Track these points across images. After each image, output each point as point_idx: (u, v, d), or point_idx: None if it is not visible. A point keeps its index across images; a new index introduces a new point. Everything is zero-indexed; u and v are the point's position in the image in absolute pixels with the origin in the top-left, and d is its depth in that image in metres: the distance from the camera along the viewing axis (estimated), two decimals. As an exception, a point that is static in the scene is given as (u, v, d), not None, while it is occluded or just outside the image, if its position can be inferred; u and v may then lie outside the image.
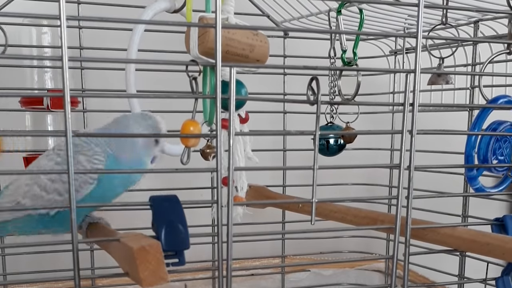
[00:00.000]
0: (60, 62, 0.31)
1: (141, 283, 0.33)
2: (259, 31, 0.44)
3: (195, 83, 0.40)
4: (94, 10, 0.67)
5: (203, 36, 0.41)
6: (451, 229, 0.46)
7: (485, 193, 0.55)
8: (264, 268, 0.79)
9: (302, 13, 0.67)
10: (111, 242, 0.37)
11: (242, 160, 0.47)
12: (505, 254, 0.42)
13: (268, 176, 0.76)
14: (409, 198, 0.39)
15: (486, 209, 0.69)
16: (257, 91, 0.53)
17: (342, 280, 0.84)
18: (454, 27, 0.55)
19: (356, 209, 0.54)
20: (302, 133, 0.38)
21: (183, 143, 0.40)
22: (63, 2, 0.31)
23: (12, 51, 0.59)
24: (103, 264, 0.65)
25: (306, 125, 0.43)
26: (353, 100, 0.55)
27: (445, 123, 0.66)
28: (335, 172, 0.75)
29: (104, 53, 0.66)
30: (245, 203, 0.44)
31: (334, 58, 0.62)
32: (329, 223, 0.55)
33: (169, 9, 0.49)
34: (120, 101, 0.51)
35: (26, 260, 0.67)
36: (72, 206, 0.33)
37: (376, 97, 0.78)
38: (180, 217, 0.37)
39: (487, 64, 0.51)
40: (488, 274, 0.53)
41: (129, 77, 0.47)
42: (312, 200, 0.37)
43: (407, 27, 0.71)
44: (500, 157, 0.51)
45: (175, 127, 0.45)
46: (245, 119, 0.49)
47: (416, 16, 0.37)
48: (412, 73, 0.37)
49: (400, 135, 0.38)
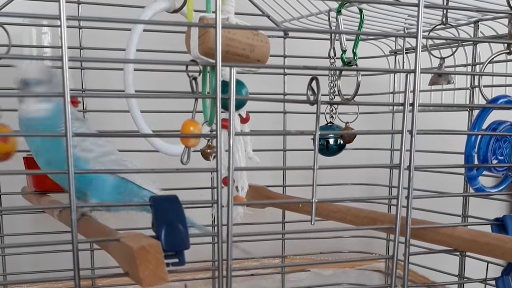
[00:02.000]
0: (60, 62, 0.31)
1: (141, 283, 0.33)
2: (259, 31, 0.43)
3: (195, 83, 0.40)
4: (94, 10, 0.67)
5: (204, 36, 0.41)
6: (451, 229, 0.46)
7: (485, 193, 0.55)
8: (264, 268, 0.79)
9: (302, 13, 0.67)
10: (111, 242, 0.37)
11: (243, 160, 0.47)
12: (505, 254, 0.42)
13: (268, 176, 0.76)
14: (409, 198, 0.39)
15: (486, 209, 0.69)
16: (257, 91, 0.53)
17: (342, 280, 0.84)
18: (454, 27, 0.55)
19: (356, 209, 0.54)
20: (302, 133, 0.38)
21: (183, 143, 0.40)
22: (63, 2, 0.31)
23: (12, 51, 0.59)
24: (103, 264, 0.65)
25: (306, 125, 0.43)
26: (353, 100, 0.55)
27: (445, 123, 0.66)
28: (335, 172, 0.74)
29: (104, 53, 0.66)
30: (245, 203, 0.44)
31: (334, 58, 0.62)
32: (329, 223, 0.55)
33: (169, 9, 0.49)
34: (120, 101, 0.51)
35: (26, 260, 0.67)
36: (72, 206, 0.33)
37: (376, 97, 0.78)
38: (180, 217, 0.37)
39: (487, 64, 0.51)
40: (488, 274, 0.53)
41: (127, 77, 0.47)
42: (312, 200, 0.37)
43: (407, 27, 0.71)
44: (500, 157, 0.51)
45: (175, 127, 0.45)
46: (245, 119, 0.49)
47: (416, 16, 0.37)
48: (412, 73, 0.37)
49: (400, 135, 0.38)
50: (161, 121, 0.62)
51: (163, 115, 0.62)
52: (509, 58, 0.55)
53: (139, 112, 0.47)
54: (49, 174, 0.53)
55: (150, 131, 0.47)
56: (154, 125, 0.48)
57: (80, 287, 0.34)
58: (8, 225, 0.66)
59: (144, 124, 0.47)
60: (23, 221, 0.72)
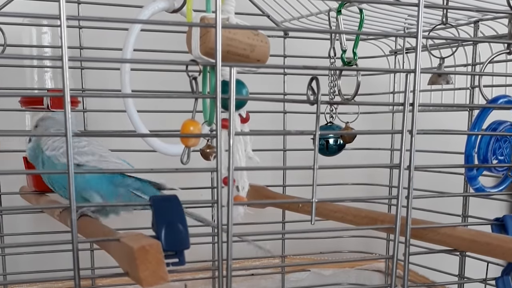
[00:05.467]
0: (60, 62, 0.31)
1: (141, 283, 0.33)
2: (259, 31, 0.43)
3: (195, 83, 0.40)
4: (94, 10, 0.67)
5: (205, 36, 0.41)
6: (451, 229, 0.46)
7: (485, 193, 0.55)
8: (264, 268, 0.79)
9: (302, 13, 0.67)
10: (111, 242, 0.37)
11: (243, 160, 0.47)
12: (505, 254, 0.42)
13: (268, 176, 0.76)
14: (409, 198, 0.39)
15: (486, 209, 0.69)
16: (257, 91, 0.53)
17: (342, 280, 0.84)
18: (454, 27, 0.55)
19: (356, 209, 0.54)
20: (302, 133, 0.38)
21: (183, 143, 0.40)
22: (63, 2, 0.31)
23: (12, 51, 0.59)
24: (103, 264, 0.65)
25: (306, 125, 0.43)
26: (353, 100, 0.55)
27: (445, 123, 0.66)
28: (335, 172, 0.75)
29: (104, 53, 0.66)
30: (245, 203, 0.44)
31: (334, 58, 0.62)
32: (329, 223, 0.55)
33: (168, 9, 0.49)
34: (120, 101, 0.51)
35: (26, 260, 0.67)
36: (72, 206, 0.33)
37: (376, 97, 0.78)
38: (180, 217, 0.37)
39: (487, 64, 0.51)
40: (488, 274, 0.53)
41: (124, 77, 0.47)
42: (312, 200, 0.37)
43: (407, 27, 0.71)
44: (500, 157, 0.51)
45: (175, 127, 0.45)
46: (245, 119, 0.49)
47: (416, 16, 0.37)
48: (412, 73, 0.37)
49: (400, 135, 0.38)
50: (161, 121, 0.62)
51: (163, 115, 0.62)
52: (509, 58, 0.55)
53: (135, 112, 0.47)
54: (48, 175, 0.54)
55: (147, 131, 0.47)
56: (154, 125, 0.48)
57: (80, 287, 0.34)
58: (8, 225, 0.66)
59: (141, 124, 0.47)
60: (23, 221, 0.72)
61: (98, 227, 0.45)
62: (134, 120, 0.47)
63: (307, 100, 0.36)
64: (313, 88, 0.36)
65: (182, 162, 0.44)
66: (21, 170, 0.62)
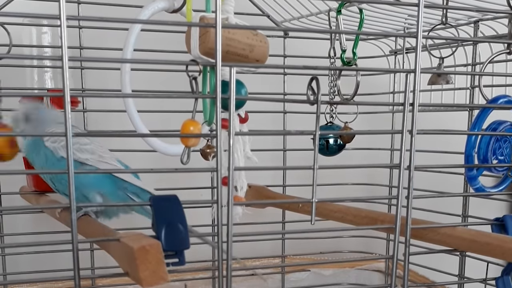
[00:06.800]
0: (60, 62, 0.31)
1: (141, 283, 0.33)
2: (258, 31, 0.43)
3: (195, 83, 0.40)
4: (94, 10, 0.67)
5: (204, 36, 0.41)
6: (451, 229, 0.46)
7: (485, 193, 0.55)
8: (264, 268, 0.79)
9: (302, 13, 0.67)
10: (111, 242, 0.37)
11: (242, 160, 0.47)
12: (505, 254, 0.42)
13: (268, 176, 0.76)
14: (409, 198, 0.39)
15: (486, 209, 0.69)
16: (257, 91, 0.53)
17: (342, 280, 0.84)
18: (454, 27, 0.55)
19: (356, 209, 0.54)
20: (302, 133, 0.38)
21: (183, 143, 0.40)
22: (63, 2, 0.31)
23: (12, 51, 0.59)
24: (103, 264, 0.65)
25: (306, 125, 0.43)
26: (352, 100, 0.55)
27: (445, 123, 0.66)
28: (335, 172, 0.75)
29: (104, 53, 0.66)
30: (245, 203, 0.44)
31: (334, 58, 0.62)
32: (329, 223, 0.55)
33: (168, 9, 0.49)
34: (120, 101, 0.51)
35: (26, 260, 0.67)
36: (72, 206, 0.33)
37: (376, 97, 0.78)
38: (180, 217, 0.37)
39: (487, 64, 0.51)
40: (488, 274, 0.53)
41: (124, 77, 0.47)
42: (312, 200, 0.37)
43: (407, 27, 0.71)
44: (500, 157, 0.51)
45: (175, 127, 0.45)
46: (244, 119, 0.49)
47: (416, 16, 0.37)
48: (412, 73, 0.37)
49: (400, 135, 0.38)
50: (161, 121, 0.62)
51: (163, 115, 0.62)
52: (509, 58, 0.55)
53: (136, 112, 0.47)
54: (48, 177, 0.54)
55: (147, 131, 0.47)
56: (154, 125, 0.48)
57: (80, 287, 0.34)
58: (8, 225, 0.66)
59: (141, 124, 0.47)
60: (23, 221, 0.72)
61: (98, 227, 0.45)
62: (134, 120, 0.47)
63: (307, 100, 0.36)
64: (313, 88, 0.36)
65: (182, 162, 0.44)
66: (21, 170, 0.62)
